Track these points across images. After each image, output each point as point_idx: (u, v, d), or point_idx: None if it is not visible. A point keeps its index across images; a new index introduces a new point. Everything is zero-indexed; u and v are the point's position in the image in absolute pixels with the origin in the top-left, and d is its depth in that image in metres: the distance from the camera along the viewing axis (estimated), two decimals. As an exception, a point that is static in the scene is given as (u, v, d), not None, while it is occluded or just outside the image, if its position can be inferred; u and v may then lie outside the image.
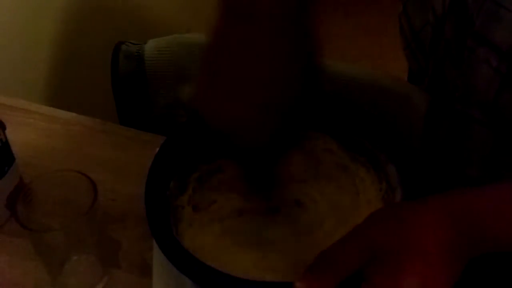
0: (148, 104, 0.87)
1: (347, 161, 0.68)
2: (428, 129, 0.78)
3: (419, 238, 0.49)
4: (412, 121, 0.79)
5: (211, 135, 0.57)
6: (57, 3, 1.08)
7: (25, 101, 0.85)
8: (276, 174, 0.62)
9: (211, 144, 0.65)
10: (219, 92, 0.54)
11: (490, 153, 0.68)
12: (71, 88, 1.15)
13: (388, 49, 1.35)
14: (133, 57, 0.85)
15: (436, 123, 0.75)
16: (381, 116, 0.67)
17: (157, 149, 0.66)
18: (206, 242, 0.63)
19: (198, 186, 0.67)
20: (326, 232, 0.63)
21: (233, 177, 0.67)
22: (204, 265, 0.56)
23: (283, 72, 0.53)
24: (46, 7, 1.06)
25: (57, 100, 1.11)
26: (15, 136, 0.71)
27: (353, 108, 0.68)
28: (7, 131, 0.69)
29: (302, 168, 0.68)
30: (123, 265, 0.67)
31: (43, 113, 0.84)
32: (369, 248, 0.49)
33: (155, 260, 0.64)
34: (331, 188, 0.67)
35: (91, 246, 0.63)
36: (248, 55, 0.52)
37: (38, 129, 0.81)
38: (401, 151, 0.64)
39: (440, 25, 0.71)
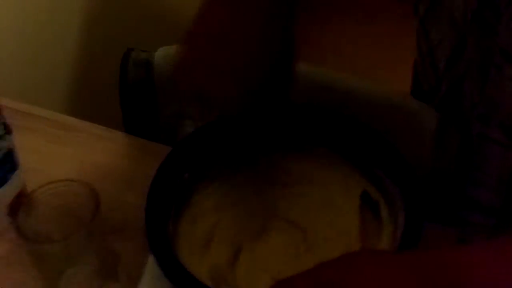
0: (155, 113, 0.87)
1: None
2: (438, 148, 0.76)
3: None
4: (421, 139, 0.77)
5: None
6: (68, 8, 1.08)
7: (32, 106, 0.85)
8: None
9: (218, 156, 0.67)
10: (198, 59, 0.60)
11: (509, 176, 0.66)
12: (79, 94, 1.15)
13: (399, 59, 1.34)
14: (143, 64, 0.85)
15: (447, 143, 0.74)
16: (389, 135, 0.67)
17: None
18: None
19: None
20: None
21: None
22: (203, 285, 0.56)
23: (257, 50, 0.60)
24: (57, 12, 1.06)
25: (65, 106, 1.11)
26: (21, 142, 0.71)
27: (359, 126, 0.68)
28: (14, 136, 0.69)
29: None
30: (122, 277, 0.66)
31: (50, 119, 0.83)
32: (327, 286, 0.48)
33: (148, 271, 0.64)
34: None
35: (90, 257, 0.63)
36: (228, 28, 0.59)
37: (44, 135, 0.81)
38: (407, 176, 0.63)
39: (461, 39, 0.69)
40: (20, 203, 0.62)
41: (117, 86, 0.87)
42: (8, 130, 0.68)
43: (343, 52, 1.79)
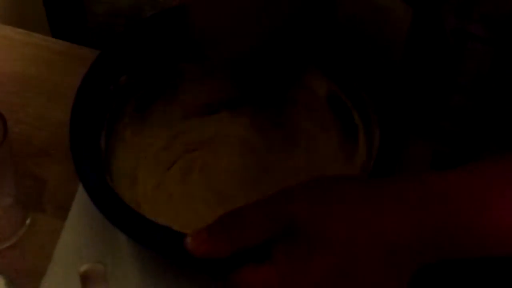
0: (83, 12, 0.80)
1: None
2: (410, 46, 0.72)
3: (351, 227, 0.43)
4: (393, 37, 0.72)
5: (192, 37, 0.59)
6: None
7: None
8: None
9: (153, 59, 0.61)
10: None
11: (487, 73, 0.63)
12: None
13: None
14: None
15: (420, 41, 0.70)
16: (359, 33, 0.64)
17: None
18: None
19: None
20: None
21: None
22: (142, 217, 0.51)
23: None
24: None
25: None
26: None
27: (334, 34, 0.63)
28: None
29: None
30: (48, 208, 0.62)
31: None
32: (286, 221, 0.43)
33: (78, 199, 0.60)
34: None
35: (7, 188, 0.56)
36: None
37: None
38: (379, 76, 0.60)
39: None
40: None
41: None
42: None
43: None
